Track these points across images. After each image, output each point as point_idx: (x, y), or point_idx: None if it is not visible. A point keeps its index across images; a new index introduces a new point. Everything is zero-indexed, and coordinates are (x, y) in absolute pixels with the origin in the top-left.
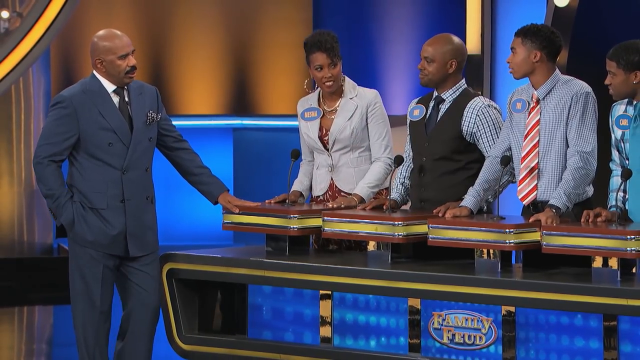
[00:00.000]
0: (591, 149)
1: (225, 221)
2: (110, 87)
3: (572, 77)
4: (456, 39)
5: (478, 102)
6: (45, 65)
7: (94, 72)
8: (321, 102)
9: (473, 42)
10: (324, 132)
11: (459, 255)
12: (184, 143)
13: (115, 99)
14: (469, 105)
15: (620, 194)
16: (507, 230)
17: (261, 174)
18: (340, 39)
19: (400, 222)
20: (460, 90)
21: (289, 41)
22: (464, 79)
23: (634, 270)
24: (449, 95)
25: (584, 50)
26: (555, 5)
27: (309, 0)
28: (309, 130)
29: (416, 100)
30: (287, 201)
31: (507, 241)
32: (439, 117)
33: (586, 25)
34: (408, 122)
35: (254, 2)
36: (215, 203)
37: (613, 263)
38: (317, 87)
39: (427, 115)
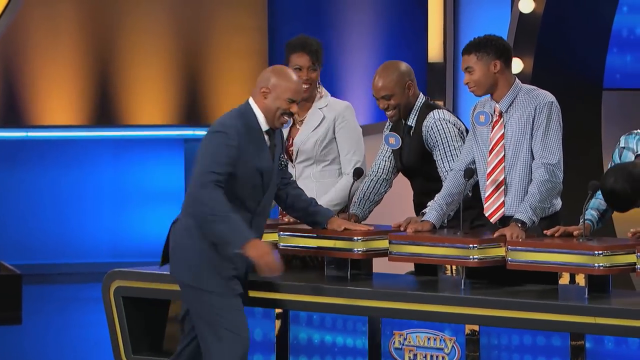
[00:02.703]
0: (557, 161)
1: None
2: (264, 125)
3: (534, 87)
4: (398, 62)
5: (430, 117)
6: None
7: (252, 103)
8: None
9: (435, 50)
10: (290, 142)
11: (423, 271)
12: (291, 180)
13: (267, 139)
14: (423, 124)
15: (593, 212)
16: (470, 245)
17: None
18: None
19: (359, 238)
20: (418, 109)
21: (243, 48)
22: (420, 93)
23: (602, 287)
24: (412, 120)
25: (549, 57)
26: (520, 12)
27: (264, 6)
28: None
29: (390, 126)
30: None
31: (470, 257)
32: (409, 145)
33: (552, 32)
34: (386, 147)
35: (206, 8)
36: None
37: (580, 280)
38: None
39: (402, 145)
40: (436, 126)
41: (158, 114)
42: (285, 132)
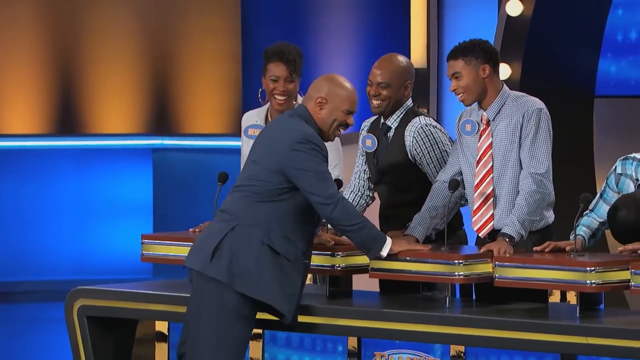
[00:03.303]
0: (545, 170)
1: (145, 252)
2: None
3: (523, 93)
4: (406, 59)
5: (416, 122)
6: None
7: (312, 113)
8: (268, 119)
9: (418, 55)
10: None
11: (407, 289)
12: None
13: None
14: (408, 127)
15: (585, 228)
16: (455, 261)
17: (184, 200)
18: None
19: (339, 253)
20: (404, 112)
21: (215, 52)
22: (411, 98)
23: (594, 305)
24: (393, 121)
25: (538, 63)
26: (507, 14)
27: (237, 7)
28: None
29: (367, 126)
30: None
31: (456, 273)
32: (386, 147)
33: (541, 36)
34: (360, 150)
35: (175, 9)
36: None
37: (572, 297)
38: (266, 103)
39: (378, 146)
40: (424, 132)
41: (124, 122)
42: None
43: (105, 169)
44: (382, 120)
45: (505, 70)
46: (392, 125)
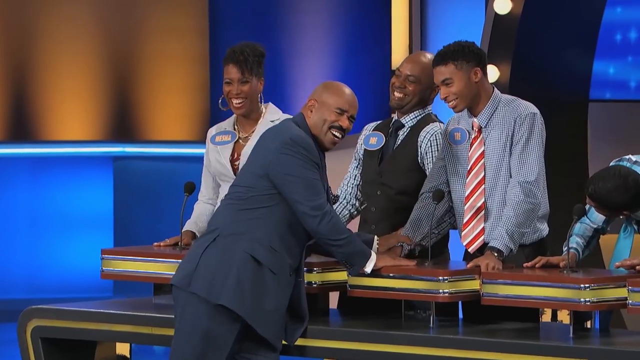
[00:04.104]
0: (535, 178)
1: (105, 268)
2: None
3: (515, 97)
4: None
5: (435, 126)
6: None
7: (305, 119)
8: (236, 127)
9: (399, 55)
10: (236, 156)
11: (387, 308)
12: None
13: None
14: (424, 129)
15: (578, 239)
16: (440, 278)
17: (147, 212)
18: None
19: (316, 269)
20: (423, 115)
21: (181, 53)
22: (431, 106)
23: (588, 324)
24: (409, 120)
25: (529, 64)
26: (496, 13)
27: (204, 6)
28: (219, 155)
29: (373, 125)
30: (179, 244)
31: (440, 291)
32: (396, 145)
33: (531, 35)
34: (361, 151)
35: (138, 7)
36: None
37: (564, 317)
38: (227, 109)
39: (385, 144)
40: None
41: (82, 128)
42: (227, 147)
43: (62, 178)
44: (394, 118)
45: (493, 73)
46: (406, 124)
